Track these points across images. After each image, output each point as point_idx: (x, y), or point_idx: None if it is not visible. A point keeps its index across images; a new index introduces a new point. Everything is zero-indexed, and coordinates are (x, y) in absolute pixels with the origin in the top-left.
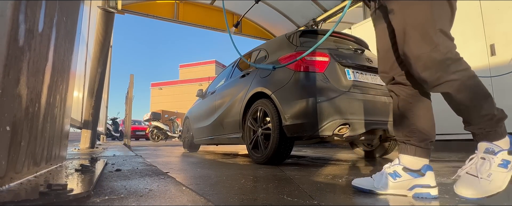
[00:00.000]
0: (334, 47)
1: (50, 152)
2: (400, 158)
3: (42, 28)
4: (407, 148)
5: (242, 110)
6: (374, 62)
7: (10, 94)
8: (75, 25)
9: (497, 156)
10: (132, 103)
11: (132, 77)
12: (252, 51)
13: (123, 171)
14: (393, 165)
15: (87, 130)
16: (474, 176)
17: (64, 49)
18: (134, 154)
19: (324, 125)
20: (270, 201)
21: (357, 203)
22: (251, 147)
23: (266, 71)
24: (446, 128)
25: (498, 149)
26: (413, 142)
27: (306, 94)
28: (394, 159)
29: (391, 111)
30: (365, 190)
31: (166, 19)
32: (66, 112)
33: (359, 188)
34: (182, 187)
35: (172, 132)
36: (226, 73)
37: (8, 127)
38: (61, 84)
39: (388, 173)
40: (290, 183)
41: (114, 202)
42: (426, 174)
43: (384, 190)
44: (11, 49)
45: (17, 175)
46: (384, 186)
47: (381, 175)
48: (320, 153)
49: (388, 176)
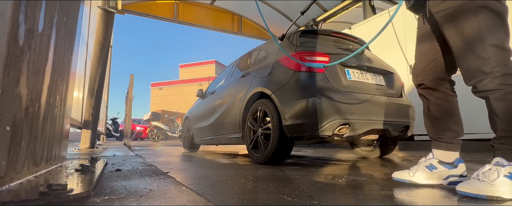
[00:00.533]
0: (334, 47)
1: (50, 152)
2: (433, 153)
3: (42, 28)
4: (439, 144)
5: (242, 110)
6: (374, 62)
7: (10, 94)
8: (75, 25)
9: (504, 168)
10: (132, 103)
11: (132, 77)
12: (252, 51)
13: (123, 171)
14: (428, 159)
15: (87, 130)
16: (479, 180)
17: (64, 49)
18: (134, 154)
19: (324, 125)
20: (270, 201)
21: (357, 203)
22: (251, 147)
23: (266, 71)
24: None
25: (506, 163)
26: (445, 139)
27: (306, 94)
28: (428, 154)
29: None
30: (405, 181)
31: (166, 19)
32: (66, 112)
33: (399, 180)
34: (182, 187)
35: (172, 132)
36: (226, 73)
37: (8, 127)
38: (61, 84)
39: (425, 166)
40: (290, 183)
41: (114, 202)
42: (459, 166)
43: (421, 181)
44: (11, 49)
45: (17, 175)
46: (422, 177)
47: (418, 168)
48: (320, 153)
49: (425, 168)
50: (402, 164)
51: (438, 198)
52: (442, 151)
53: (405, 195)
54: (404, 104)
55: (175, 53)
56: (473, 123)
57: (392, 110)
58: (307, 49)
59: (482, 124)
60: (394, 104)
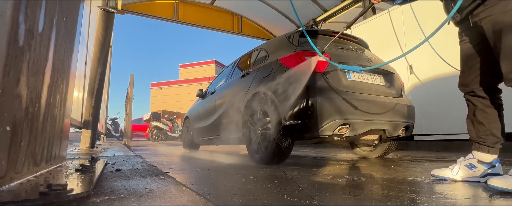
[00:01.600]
0: (334, 47)
1: (50, 152)
2: (474, 154)
3: (42, 28)
4: (481, 147)
5: (242, 110)
6: (374, 62)
7: (10, 94)
8: (75, 25)
9: None
10: (132, 103)
11: (132, 77)
12: (252, 51)
13: (123, 171)
14: (468, 159)
15: (87, 130)
16: (510, 176)
17: (64, 49)
18: (134, 154)
19: (324, 125)
20: (270, 201)
21: (357, 203)
22: (251, 147)
23: (266, 71)
24: (446, 128)
25: None
26: (488, 143)
27: (306, 94)
28: (468, 154)
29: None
30: (445, 178)
31: (166, 19)
32: (66, 112)
33: (439, 177)
34: (182, 187)
35: (172, 132)
36: (226, 73)
37: (8, 127)
38: (61, 84)
39: (465, 165)
40: (290, 183)
41: (114, 202)
42: (496, 165)
43: (461, 178)
44: (11, 49)
45: (17, 175)
46: (461, 175)
47: (459, 167)
48: (320, 153)
49: (465, 167)
50: (402, 164)
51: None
52: (483, 153)
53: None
54: (404, 104)
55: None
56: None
57: (392, 110)
58: (307, 49)
59: None
60: (394, 104)
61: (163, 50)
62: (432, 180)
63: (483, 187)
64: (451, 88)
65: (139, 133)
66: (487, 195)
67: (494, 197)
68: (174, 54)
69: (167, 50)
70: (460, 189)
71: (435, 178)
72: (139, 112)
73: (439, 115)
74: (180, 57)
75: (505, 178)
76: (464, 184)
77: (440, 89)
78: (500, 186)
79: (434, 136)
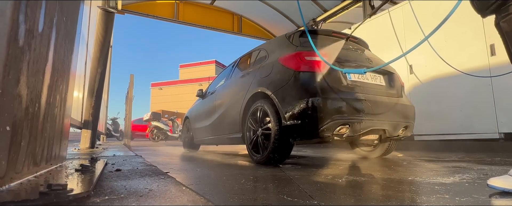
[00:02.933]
0: None
1: (50, 152)
2: None
3: (42, 28)
4: None
5: (242, 110)
6: (374, 62)
7: (10, 94)
8: (75, 25)
9: None
10: (132, 103)
11: (132, 77)
12: (252, 51)
13: (123, 171)
14: None
15: (87, 130)
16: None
17: (64, 49)
18: (134, 154)
19: (324, 125)
20: (270, 201)
21: (357, 203)
22: (251, 147)
23: (266, 71)
24: (446, 128)
25: None
26: None
27: (306, 94)
28: None
29: None
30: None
31: (166, 19)
32: (66, 112)
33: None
34: (182, 187)
35: (172, 132)
36: (226, 73)
37: (8, 127)
38: (61, 84)
39: None
40: (290, 183)
41: (114, 202)
42: None
43: None
44: (11, 49)
45: (17, 175)
46: None
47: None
48: (320, 153)
49: None
50: (402, 164)
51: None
52: None
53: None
54: (404, 104)
55: (175, 53)
56: (473, 123)
57: (392, 110)
58: (307, 49)
59: (482, 124)
60: (394, 104)
61: (163, 50)
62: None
63: (483, 187)
64: (451, 88)
65: (141, 133)
66: (487, 195)
67: (494, 197)
68: (174, 54)
69: (167, 50)
70: (459, 189)
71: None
72: (139, 112)
73: (439, 115)
74: (180, 57)
75: (505, 178)
76: (464, 184)
77: (440, 89)
78: (500, 186)
79: (434, 136)
